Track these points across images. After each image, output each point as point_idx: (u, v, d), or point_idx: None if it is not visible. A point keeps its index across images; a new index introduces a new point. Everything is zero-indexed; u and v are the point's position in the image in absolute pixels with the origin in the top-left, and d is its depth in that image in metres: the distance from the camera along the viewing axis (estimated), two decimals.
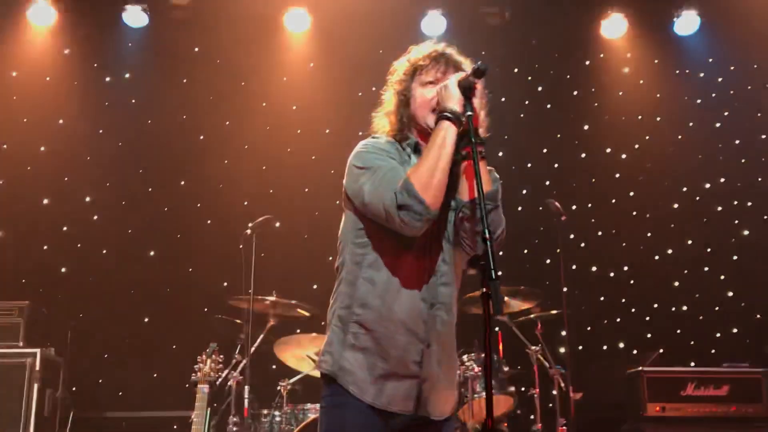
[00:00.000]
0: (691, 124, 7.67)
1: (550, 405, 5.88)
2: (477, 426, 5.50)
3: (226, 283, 6.92)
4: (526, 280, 6.26)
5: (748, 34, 7.44)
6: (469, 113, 2.59)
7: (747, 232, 7.43)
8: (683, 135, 7.63)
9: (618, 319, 7.35)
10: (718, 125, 7.64)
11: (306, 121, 7.48)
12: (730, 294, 7.34)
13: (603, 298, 7.36)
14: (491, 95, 2.77)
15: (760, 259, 7.25)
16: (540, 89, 7.73)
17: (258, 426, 5.59)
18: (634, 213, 7.55)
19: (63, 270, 7.25)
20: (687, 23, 7.45)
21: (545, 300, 6.04)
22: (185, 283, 7.17)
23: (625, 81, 7.75)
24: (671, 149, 7.62)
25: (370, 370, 2.66)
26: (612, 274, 7.45)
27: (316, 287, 6.68)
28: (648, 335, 7.27)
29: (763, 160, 7.53)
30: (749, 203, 7.48)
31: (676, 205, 7.58)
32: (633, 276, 7.44)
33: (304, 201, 7.21)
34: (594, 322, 7.22)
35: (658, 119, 7.68)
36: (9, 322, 6.03)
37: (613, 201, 7.58)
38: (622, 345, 7.31)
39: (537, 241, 7.23)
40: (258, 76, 7.48)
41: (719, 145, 7.61)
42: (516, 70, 7.71)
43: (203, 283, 7.09)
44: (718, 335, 7.22)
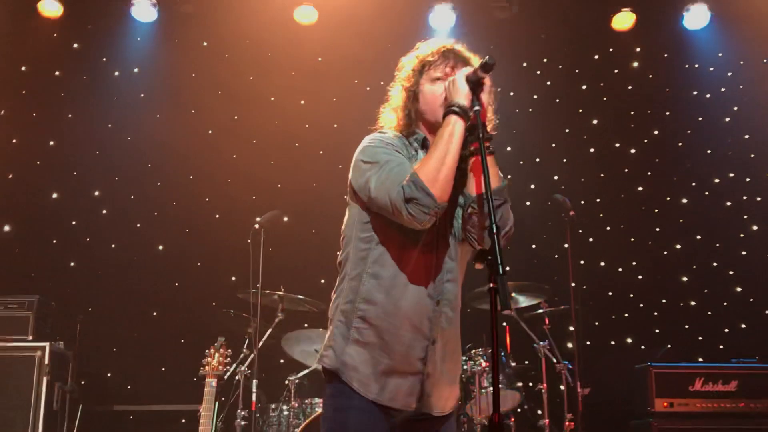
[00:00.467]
0: (701, 118, 7.61)
1: (557, 400, 5.88)
2: (484, 421, 5.50)
3: (234, 278, 6.96)
4: (534, 275, 6.27)
5: (758, 28, 7.38)
6: (477, 108, 2.58)
7: (756, 227, 7.38)
8: (692, 130, 7.60)
9: (626, 315, 7.31)
10: (727, 120, 7.59)
11: (314, 116, 7.49)
12: (738, 289, 7.30)
13: (611, 293, 7.32)
14: (499, 90, 2.76)
15: None
16: (549, 83, 7.70)
17: (266, 420, 5.62)
18: (642, 208, 7.52)
19: (72, 264, 7.29)
20: (697, 17, 7.37)
21: (553, 295, 6.04)
22: (193, 278, 7.19)
23: (634, 75, 7.71)
24: (680, 144, 7.59)
25: (373, 365, 2.65)
26: (620, 269, 7.42)
27: (323, 282, 6.66)
28: (656, 330, 7.25)
29: None
30: (758, 198, 7.42)
31: (684, 200, 7.55)
32: (641, 271, 7.40)
33: (312, 196, 7.20)
34: (602, 317, 7.19)
35: (667, 114, 7.65)
36: (18, 315, 6.07)
37: (622, 196, 7.54)
38: (630, 340, 7.28)
39: (545, 236, 7.20)
40: (266, 70, 7.48)
41: (728, 140, 7.55)
42: (525, 64, 7.69)
43: (211, 278, 7.12)
44: (726, 330, 7.19)
